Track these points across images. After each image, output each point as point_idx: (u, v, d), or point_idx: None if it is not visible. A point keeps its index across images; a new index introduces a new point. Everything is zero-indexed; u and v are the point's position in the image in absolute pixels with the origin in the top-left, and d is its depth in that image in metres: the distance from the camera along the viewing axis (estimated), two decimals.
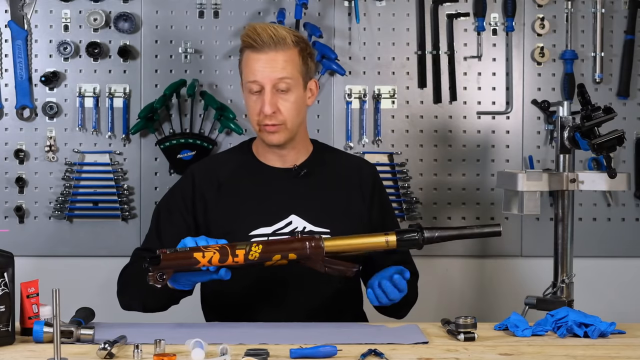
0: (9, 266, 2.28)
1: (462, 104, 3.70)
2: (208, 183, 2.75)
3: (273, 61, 2.67)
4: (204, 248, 2.34)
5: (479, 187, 3.71)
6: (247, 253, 2.35)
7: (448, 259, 3.71)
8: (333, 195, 2.77)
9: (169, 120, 3.63)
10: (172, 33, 3.64)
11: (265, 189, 2.73)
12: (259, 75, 2.67)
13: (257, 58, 2.67)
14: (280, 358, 2.15)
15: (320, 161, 2.81)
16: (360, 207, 2.79)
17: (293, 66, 2.69)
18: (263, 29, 2.68)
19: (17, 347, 2.27)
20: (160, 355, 2.11)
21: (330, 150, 2.92)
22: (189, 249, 2.34)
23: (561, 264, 3.07)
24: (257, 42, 2.66)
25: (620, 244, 3.73)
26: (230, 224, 2.68)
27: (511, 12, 3.66)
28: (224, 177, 2.77)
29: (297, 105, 2.71)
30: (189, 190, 2.76)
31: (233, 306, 2.72)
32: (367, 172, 2.86)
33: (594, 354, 2.23)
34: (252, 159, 2.80)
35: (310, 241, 2.40)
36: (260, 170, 2.78)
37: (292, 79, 2.68)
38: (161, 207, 2.81)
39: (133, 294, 2.68)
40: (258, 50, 2.67)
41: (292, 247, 2.39)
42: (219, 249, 2.34)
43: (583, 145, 2.97)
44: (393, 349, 2.25)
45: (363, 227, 2.73)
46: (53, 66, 3.61)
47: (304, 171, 2.76)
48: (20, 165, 3.62)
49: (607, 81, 3.71)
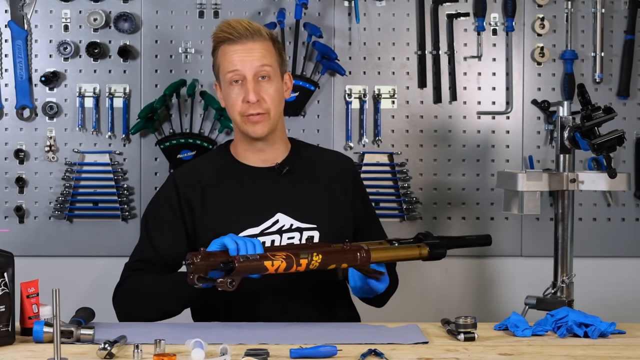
0: (9, 266, 2.28)
1: (462, 104, 3.70)
2: (191, 188, 2.74)
3: (252, 50, 2.68)
4: (272, 256, 2.36)
5: (479, 187, 3.71)
6: (309, 263, 2.41)
7: (448, 259, 3.65)
8: (316, 191, 2.77)
9: (169, 120, 3.63)
10: (172, 33, 3.64)
11: (249, 190, 2.73)
12: (239, 64, 2.68)
13: (235, 49, 2.68)
14: (280, 358, 2.15)
15: (300, 158, 2.81)
16: (343, 200, 2.80)
17: (271, 56, 2.71)
18: (237, 22, 2.71)
19: (17, 347, 2.27)
20: (160, 355, 2.11)
21: (307, 146, 2.92)
22: (259, 257, 2.35)
23: (561, 264, 3.06)
24: (234, 35, 2.68)
25: (620, 244, 3.73)
26: (218, 227, 2.64)
27: (511, 12, 3.66)
28: (205, 181, 2.75)
29: (278, 95, 2.72)
30: (174, 196, 2.74)
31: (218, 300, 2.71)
32: (347, 166, 2.88)
33: (594, 354, 2.23)
34: (232, 161, 2.79)
35: (360, 252, 2.46)
36: (242, 171, 2.77)
37: (272, 67, 2.70)
38: (149, 218, 2.78)
39: (149, 303, 2.64)
40: (235, 42, 2.68)
41: (346, 258, 2.46)
42: (285, 257, 2.37)
43: (583, 145, 2.97)
44: (393, 349, 2.25)
45: (347, 220, 2.76)
46: (53, 66, 3.61)
47: (286, 169, 2.76)
48: (20, 165, 3.62)
49: (607, 81, 3.71)
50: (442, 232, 3.69)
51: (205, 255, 2.32)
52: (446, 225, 3.69)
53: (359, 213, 2.83)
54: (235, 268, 2.30)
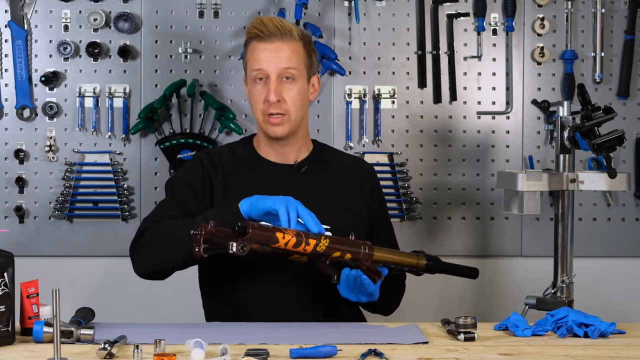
0: (9, 266, 2.28)
1: (462, 104, 3.70)
2: (214, 170, 2.76)
3: (279, 50, 2.69)
4: (284, 230, 2.38)
5: (479, 187, 3.71)
6: (317, 244, 2.43)
7: (448, 259, 3.69)
8: (333, 192, 2.77)
9: (169, 120, 3.63)
10: (172, 33, 3.64)
11: (266, 184, 2.73)
12: (264, 64, 2.69)
13: (263, 47, 2.69)
14: (280, 358, 2.15)
15: (321, 159, 2.82)
16: (359, 204, 2.80)
17: (298, 58, 2.72)
18: (269, 20, 2.71)
19: (17, 347, 2.27)
20: (160, 355, 2.11)
21: (330, 150, 2.93)
22: (272, 228, 2.38)
23: (561, 264, 3.06)
24: (264, 32, 2.69)
25: (620, 244, 3.73)
26: None
27: (511, 12, 3.66)
28: (227, 167, 2.77)
29: (301, 97, 2.73)
30: (200, 169, 2.76)
31: (230, 298, 2.71)
32: (366, 171, 2.89)
33: (594, 354, 2.23)
34: (253, 154, 2.81)
35: (365, 247, 2.51)
36: (262, 165, 2.79)
37: (297, 69, 2.71)
38: (173, 184, 2.76)
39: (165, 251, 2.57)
40: (264, 40, 2.69)
41: (350, 250, 2.49)
42: (295, 234, 2.40)
43: (583, 145, 2.97)
44: (393, 349, 2.25)
45: (361, 224, 2.75)
46: (53, 66, 3.61)
47: (304, 168, 2.77)
48: (20, 165, 3.62)
49: (607, 81, 3.71)
50: (442, 233, 3.70)
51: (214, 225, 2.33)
52: (446, 225, 3.69)
53: (373, 219, 2.83)
54: (249, 233, 2.30)
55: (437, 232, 3.70)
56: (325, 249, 2.44)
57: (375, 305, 2.73)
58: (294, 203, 2.46)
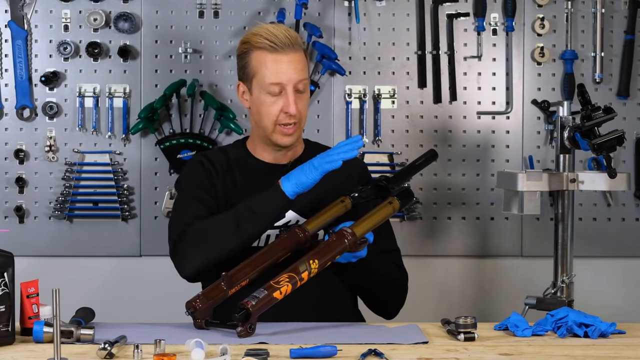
0: (9, 266, 2.28)
1: (462, 104, 3.70)
2: (213, 171, 2.79)
3: (294, 62, 2.71)
4: (276, 284, 2.43)
5: (479, 187, 3.71)
6: (310, 273, 2.49)
7: (448, 259, 3.71)
8: (324, 188, 2.77)
9: (169, 120, 3.63)
10: (172, 33, 3.64)
11: (258, 183, 2.74)
12: (283, 77, 2.69)
13: (278, 59, 2.69)
14: (280, 358, 2.15)
15: (311, 157, 2.82)
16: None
17: (306, 67, 2.76)
18: (277, 30, 2.71)
19: (17, 347, 2.27)
20: (160, 355, 2.11)
21: (321, 148, 2.93)
22: (267, 292, 2.41)
23: (561, 264, 3.07)
24: (276, 43, 2.68)
25: (620, 244, 3.73)
26: None
27: (511, 12, 3.66)
28: (224, 168, 2.80)
29: (307, 105, 2.79)
30: (202, 170, 2.79)
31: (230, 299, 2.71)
32: (356, 165, 2.89)
33: (594, 354, 2.23)
34: (246, 154, 2.84)
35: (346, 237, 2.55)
36: (254, 165, 2.81)
37: (308, 79, 2.77)
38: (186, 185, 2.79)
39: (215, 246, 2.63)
40: (277, 52, 2.69)
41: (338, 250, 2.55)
42: (288, 279, 2.44)
43: (583, 145, 2.97)
44: (393, 349, 2.25)
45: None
46: (53, 66, 3.61)
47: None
48: (20, 165, 3.62)
49: (607, 81, 3.71)
50: (442, 233, 3.70)
51: (203, 298, 2.47)
52: (446, 225, 3.69)
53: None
54: (250, 314, 2.37)
55: (437, 232, 3.69)
56: (319, 268, 2.49)
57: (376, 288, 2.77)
58: (319, 161, 2.58)
